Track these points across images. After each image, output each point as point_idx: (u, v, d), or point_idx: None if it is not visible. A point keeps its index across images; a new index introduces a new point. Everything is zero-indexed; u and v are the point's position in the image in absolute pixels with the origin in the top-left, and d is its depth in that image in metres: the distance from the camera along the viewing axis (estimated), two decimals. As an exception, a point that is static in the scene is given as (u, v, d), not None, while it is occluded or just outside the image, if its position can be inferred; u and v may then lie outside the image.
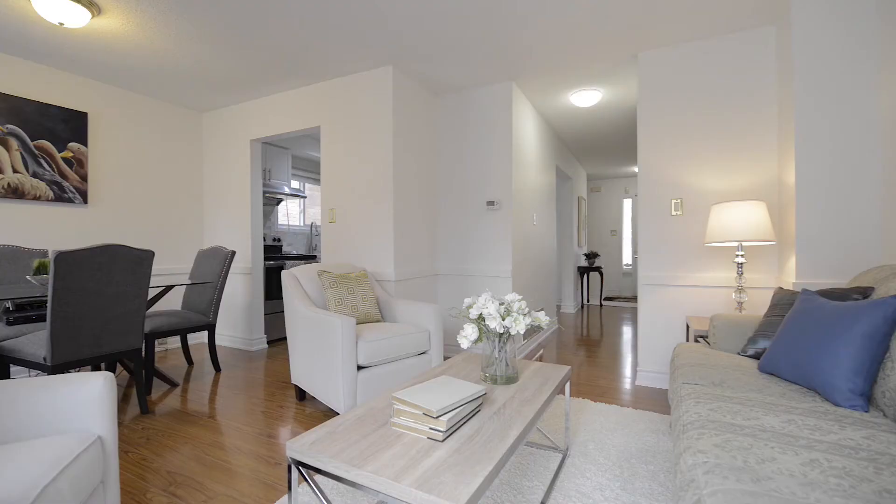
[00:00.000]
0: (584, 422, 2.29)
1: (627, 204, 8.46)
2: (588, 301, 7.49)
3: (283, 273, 2.77)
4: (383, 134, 3.29)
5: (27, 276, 2.40)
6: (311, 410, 2.55)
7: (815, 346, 1.44)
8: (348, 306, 2.69)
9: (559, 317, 6.00)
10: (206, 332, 4.42)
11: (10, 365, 2.28)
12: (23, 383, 1.29)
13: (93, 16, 2.49)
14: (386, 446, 1.15)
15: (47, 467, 1.06)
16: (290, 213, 5.65)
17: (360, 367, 2.34)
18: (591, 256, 7.19)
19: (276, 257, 4.48)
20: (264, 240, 4.89)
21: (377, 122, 3.32)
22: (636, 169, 7.45)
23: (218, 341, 4.29)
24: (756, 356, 1.91)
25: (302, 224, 5.84)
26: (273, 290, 4.38)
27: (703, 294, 2.86)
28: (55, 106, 3.26)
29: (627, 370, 3.38)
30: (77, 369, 3.09)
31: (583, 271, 7.12)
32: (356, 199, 3.44)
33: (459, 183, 3.81)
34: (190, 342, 4.31)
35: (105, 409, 1.32)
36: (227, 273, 3.28)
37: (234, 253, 3.29)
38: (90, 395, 1.30)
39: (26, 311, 2.51)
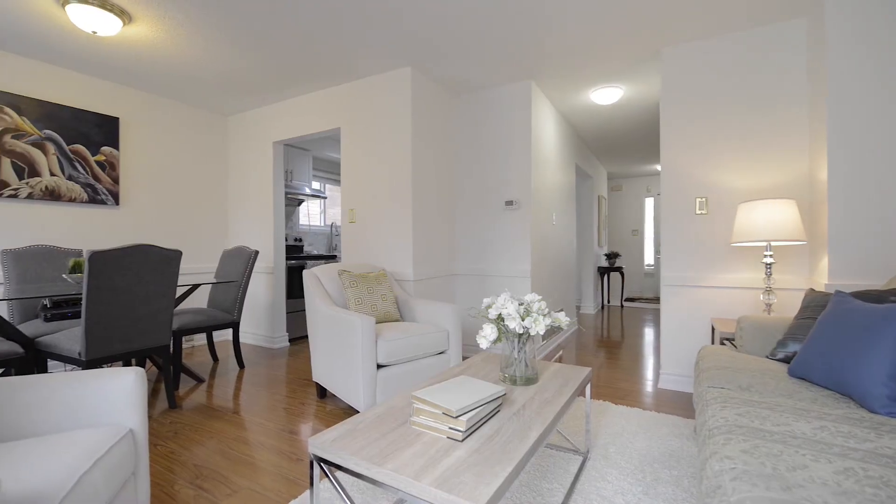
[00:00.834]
0: (604, 424, 2.26)
1: (649, 203, 8.29)
2: (608, 302, 7.38)
3: (305, 272, 2.82)
4: (402, 134, 3.31)
5: (63, 275, 2.50)
6: (332, 408, 2.59)
7: (849, 349, 1.39)
8: (368, 305, 2.72)
9: (579, 318, 5.92)
10: (230, 330, 4.54)
11: (48, 359, 2.38)
12: (59, 377, 1.35)
13: (124, 24, 2.58)
14: (406, 445, 1.16)
15: (83, 458, 1.10)
16: (310, 214, 5.74)
17: (379, 366, 2.36)
18: (611, 256, 7.08)
19: (297, 257, 4.56)
20: (286, 240, 4.98)
21: (396, 122, 3.34)
22: (659, 167, 7.29)
23: (242, 339, 4.40)
24: (786, 360, 1.85)
25: (322, 224, 5.93)
26: (294, 289, 4.46)
27: (728, 295, 2.79)
28: (89, 111, 3.39)
29: (649, 373, 3.31)
30: (109, 364, 3.21)
31: (603, 271, 7.01)
32: (376, 199, 3.47)
33: (478, 182, 3.80)
34: (215, 339, 4.43)
35: (136, 404, 1.36)
36: (250, 272, 3.35)
37: (257, 253, 3.37)
38: (122, 390, 1.35)
39: (62, 309, 2.62)
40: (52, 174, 3.20)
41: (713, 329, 2.76)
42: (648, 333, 4.85)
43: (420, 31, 2.74)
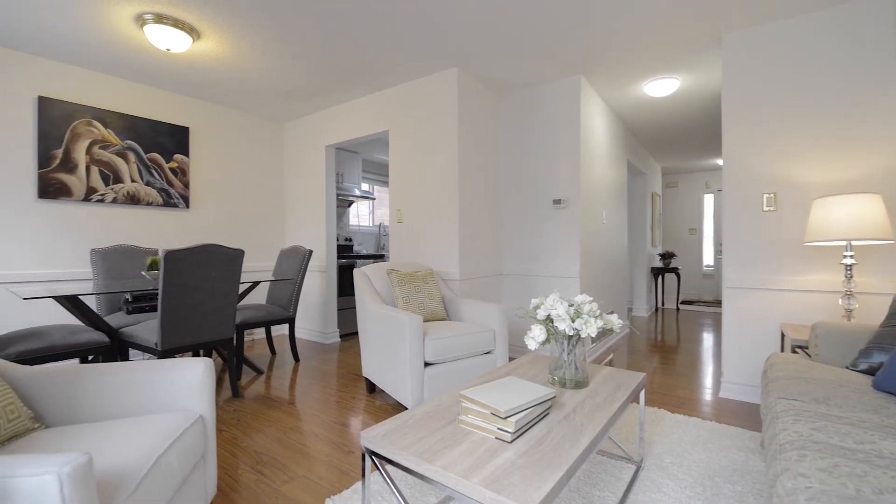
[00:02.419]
0: (659, 433, 2.16)
1: (709, 199, 7.80)
2: (663, 304, 7.02)
3: (355, 271, 2.92)
4: (448, 134, 3.34)
5: (142, 272, 2.75)
6: (381, 403, 2.66)
7: (949, 363, 1.23)
8: (415, 304, 2.77)
9: (630, 320, 5.68)
10: (286, 325, 4.78)
11: (129, 348, 2.63)
12: (140, 365, 1.49)
13: (193, 41, 2.79)
14: (454, 443, 1.17)
15: (160, 440, 1.21)
16: (360, 214, 5.92)
17: (426, 364, 2.40)
18: (666, 257, 6.73)
19: (347, 256, 4.72)
20: (337, 240, 5.17)
21: (442, 123, 3.37)
22: (720, 161, 6.84)
23: (297, 334, 4.62)
24: (870, 371, 1.68)
25: (371, 224, 6.10)
26: (345, 287, 4.62)
27: (801, 299, 2.56)
28: (163, 122, 3.71)
29: (709, 380, 3.12)
30: (180, 355, 3.49)
31: (657, 272, 6.68)
32: (423, 199, 3.52)
33: (524, 181, 3.75)
34: (273, 334, 4.68)
35: (205, 391, 1.47)
36: (305, 271, 3.52)
37: (311, 252, 3.53)
38: (193, 378, 1.46)
39: (141, 303, 2.88)
40: (133, 180, 3.52)
41: (783, 335, 2.55)
42: (707, 339, 4.56)
43: (466, 32, 2.75)
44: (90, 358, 2.73)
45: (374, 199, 5.54)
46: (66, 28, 2.68)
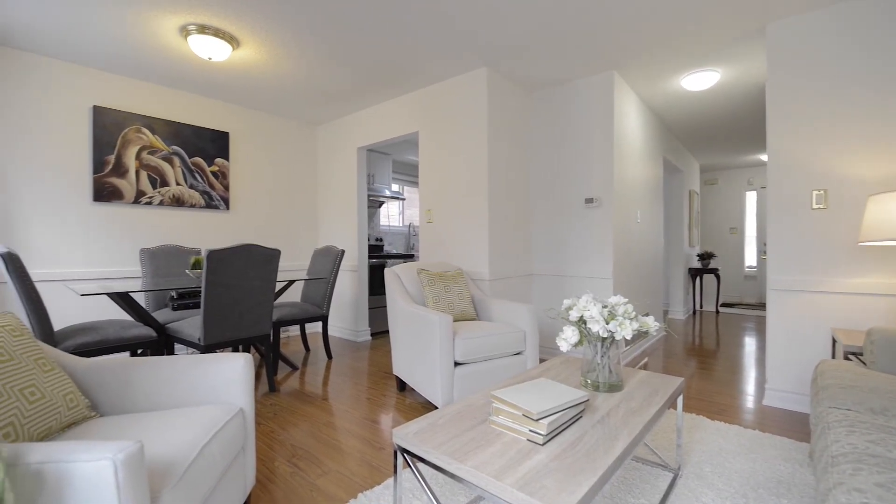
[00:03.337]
0: (698, 440, 2.08)
1: (751, 197, 7.43)
2: (701, 307, 6.75)
3: (386, 270, 2.96)
4: (478, 134, 3.33)
5: (186, 270, 2.89)
6: (411, 401, 2.69)
7: None
8: (445, 304, 2.78)
9: (667, 323, 5.50)
10: (320, 323, 4.91)
11: (175, 343, 2.77)
12: (185, 359, 1.56)
13: (233, 49, 2.91)
14: (486, 444, 1.17)
15: (203, 431, 1.26)
16: (390, 215, 6.00)
17: (456, 364, 2.40)
18: (704, 257, 6.46)
19: (378, 256, 4.79)
20: (368, 240, 5.26)
21: (472, 123, 3.37)
22: (763, 157, 6.51)
23: (329, 331, 4.72)
24: (935, 382, 1.55)
25: (401, 225, 6.17)
26: (376, 286, 4.69)
27: (854, 303, 2.41)
28: (205, 128, 3.88)
29: (751, 387, 2.98)
30: (220, 350, 3.64)
31: (695, 273, 6.43)
32: (452, 199, 3.53)
33: (555, 180, 3.70)
34: (307, 331, 4.82)
35: (245, 386, 1.53)
36: (337, 270, 3.60)
37: (343, 252, 3.60)
38: (234, 373, 1.52)
39: (185, 300, 3.03)
40: (178, 183, 3.71)
41: (834, 341, 2.40)
42: (749, 343, 4.35)
43: (496, 31, 2.73)
44: (139, 351, 2.89)
45: (403, 199, 5.60)
46: (118, 41, 2.86)
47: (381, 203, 5.72)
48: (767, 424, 2.34)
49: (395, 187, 5.98)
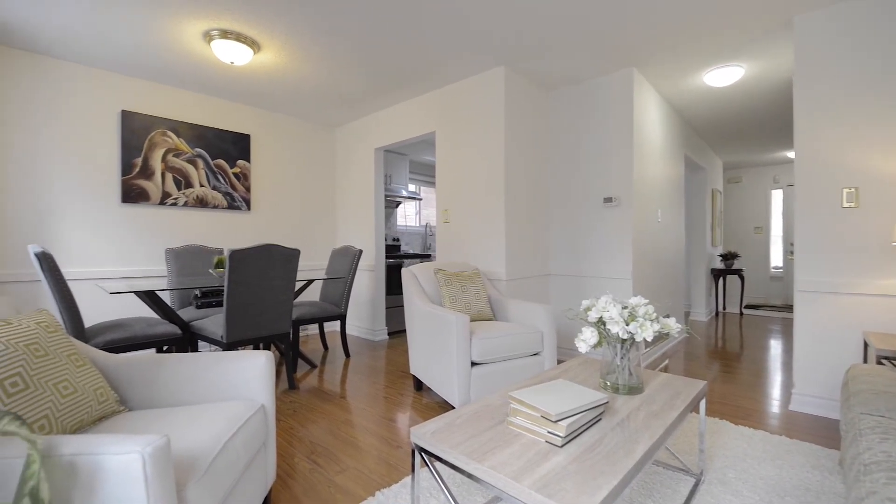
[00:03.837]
0: (721, 445, 2.03)
1: (777, 195, 7.21)
2: (724, 308, 6.58)
3: (404, 270, 2.97)
4: (495, 134, 3.32)
5: (209, 270, 2.96)
6: (428, 400, 2.70)
7: None
8: (462, 303, 2.78)
9: (688, 325, 5.38)
10: (338, 322, 4.96)
11: (199, 340, 2.84)
12: (209, 356, 1.60)
13: (254, 53, 2.96)
14: (504, 444, 1.17)
15: (227, 426, 1.29)
16: (407, 215, 6.03)
17: (473, 364, 2.40)
18: (728, 257, 6.30)
19: (395, 256, 4.83)
20: (385, 240, 5.30)
21: (489, 122, 3.36)
22: (790, 154, 6.30)
23: (347, 330, 4.78)
24: (976, 389, 1.48)
25: (417, 224, 6.19)
26: (392, 286, 4.73)
27: (887, 305, 2.31)
28: (227, 131, 3.97)
29: (777, 391, 2.89)
30: (242, 348, 3.72)
31: (718, 274, 6.27)
32: (469, 199, 3.53)
33: (573, 179, 3.66)
34: (325, 330, 4.88)
35: (266, 383, 1.56)
36: (355, 270, 3.64)
37: (361, 252, 3.64)
38: (255, 370, 1.56)
39: (209, 298, 3.10)
40: (201, 185, 3.80)
41: (865, 345, 2.31)
42: (775, 346, 4.22)
43: (513, 30, 2.72)
44: (164, 348, 2.98)
45: (420, 199, 5.62)
46: (144, 48, 2.95)
47: (398, 203, 5.76)
48: (794, 430, 2.27)
49: (411, 187, 6.01)
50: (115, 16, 2.55)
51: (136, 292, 2.38)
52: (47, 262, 2.19)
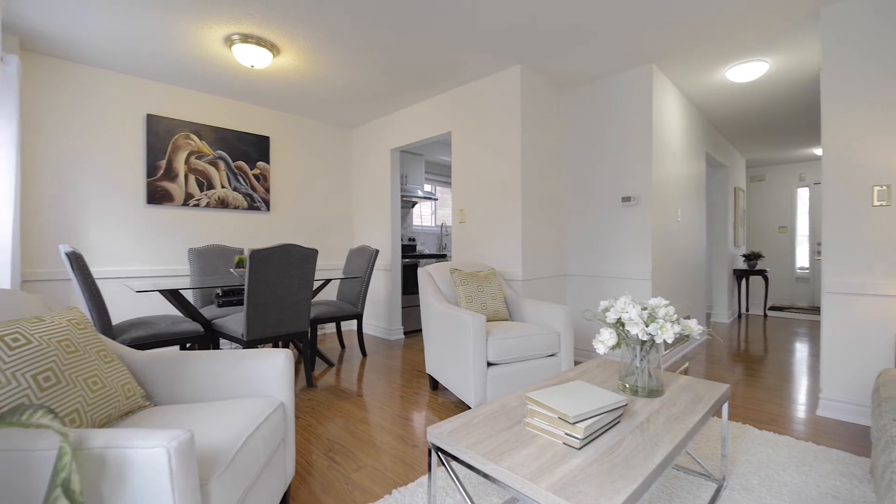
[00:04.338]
0: (744, 450, 1.98)
1: (803, 194, 6.99)
2: (747, 310, 6.41)
3: (420, 270, 2.98)
4: (511, 133, 3.31)
5: (230, 269, 3.02)
6: (443, 400, 2.70)
7: None
8: (478, 303, 2.78)
9: (710, 326, 5.26)
10: (355, 321, 5.02)
11: (220, 338, 2.90)
12: (230, 353, 1.64)
13: (274, 56, 3.02)
14: (520, 445, 1.17)
15: (248, 422, 1.32)
16: (422, 215, 6.04)
17: (489, 364, 2.40)
18: (751, 258, 6.13)
19: (411, 256, 4.85)
20: (401, 239, 5.32)
21: (505, 121, 3.34)
22: (817, 151, 6.10)
23: (364, 329, 4.82)
24: None
25: (433, 225, 6.20)
26: (408, 285, 4.75)
27: (923, 308, 2.22)
28: (248, 133, 4.05)
29: (803, 396, 2.80)
30: (261, 346, 3.79)
31: (741, 275, 6.11)
32: (485, 199, 3.52)
33: (590, 178, 3.61)
34: (343, 329, 4.93)
35: (285, 380, 1.59)
36: (372, 269, 3.67)
37: (377, 251, 3.67)
38: (275, 368, 1.58)
39: (230, 297, 3.17)
40: (223, 186, 3.89)
41: (899, 349, 2.23)
42: (800, 349, 4.10)
43: (529, 28, 2.70)
44: (188, 345, 3.05)
45: (436, 199, 5.64)
46: (168, 53, 3.03)
47: (414, 203, 5.78)
48: (821, 436, 2.20)
49: (427, 188, 6.02)
50: (141, 22, 2.63)
51: (160, 291, 2.45)
52: (77, 261, 2.27)
